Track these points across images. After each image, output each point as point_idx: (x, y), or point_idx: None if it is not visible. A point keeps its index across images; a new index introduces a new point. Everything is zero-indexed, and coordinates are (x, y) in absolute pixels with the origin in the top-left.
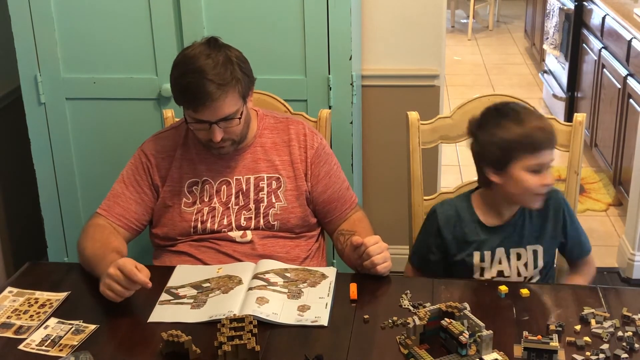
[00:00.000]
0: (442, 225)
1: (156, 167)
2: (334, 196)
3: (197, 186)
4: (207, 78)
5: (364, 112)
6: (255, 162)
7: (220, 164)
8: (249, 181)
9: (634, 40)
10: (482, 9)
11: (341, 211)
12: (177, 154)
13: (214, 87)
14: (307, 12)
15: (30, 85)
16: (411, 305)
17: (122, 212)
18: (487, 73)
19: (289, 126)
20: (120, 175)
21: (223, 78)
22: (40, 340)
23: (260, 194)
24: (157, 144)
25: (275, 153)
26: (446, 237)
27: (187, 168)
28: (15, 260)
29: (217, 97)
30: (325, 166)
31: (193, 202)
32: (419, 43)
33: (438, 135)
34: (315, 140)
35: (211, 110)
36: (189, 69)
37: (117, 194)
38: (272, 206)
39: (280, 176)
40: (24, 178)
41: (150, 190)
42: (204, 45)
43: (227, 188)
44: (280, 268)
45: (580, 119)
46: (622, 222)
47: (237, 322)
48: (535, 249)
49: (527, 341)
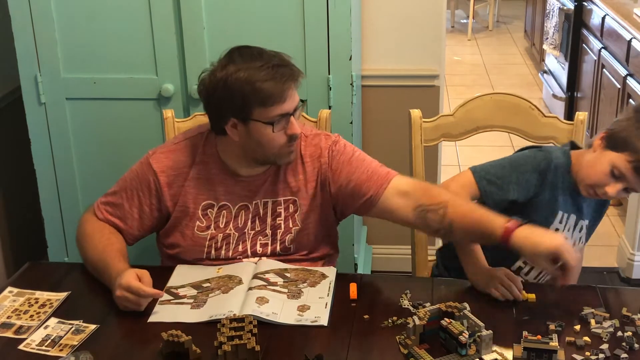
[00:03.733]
0: (552, 168)
1: (167, 186)
2: (364, 177)
3: (212, 209)
4: (277, 65)
5: (364, 112)
6: (274, 185)
7: (241, 187)
8: (266, 205)
9: (634, 41)
10: (482, 9)
11: (378, 185)
12: (193, 172)
13: (288, 70)
14: (307, 12)
15: (30, 85)
16: (411, 305)
17: (119, 223)
18: (487, 73)
19: (300, 141)
20: (123, 181)
21: (286, 62)
22: (41, 340)
23: (277, 219)
24: (169, 159)
25: (291, 173)
26: (549, 181)
27: (203, 188)
28: (15, 260)
29: (294, 78)
30: (343, 156)
31: (207, 227)
32: (419, 43)
33: (440, 133)
34: (328, 142)
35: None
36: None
37: (117, 202)
38: (289, 232)
39: (297, 199)
40: (24, 178)
41: (151, 210)
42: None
43: (245, 213)
44: (280, 268)
45: (582, 118)
46: (621, 222)
47: (237, 322)
48: (584, 224)
49: (527, 341)
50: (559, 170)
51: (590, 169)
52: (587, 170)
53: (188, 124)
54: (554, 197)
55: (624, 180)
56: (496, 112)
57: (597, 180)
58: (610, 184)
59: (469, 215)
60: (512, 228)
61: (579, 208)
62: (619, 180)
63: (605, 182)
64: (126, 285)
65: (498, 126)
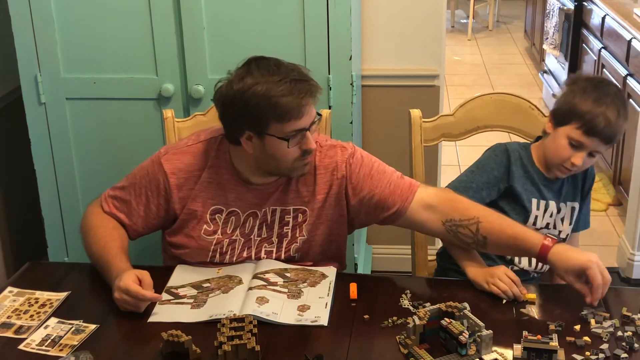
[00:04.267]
0: (513, 160)
1: (176, 188)
2: (387, 191)
3: (220, 214)
4: (295, 79)
5: (364, 112)
6: (285, 194)
7: (252, 194)
8: (275, 213)
9: (634, 41)
10: (482, 9)
11: (404, 199)
12: (204, 176)
13: (306, 85)
14: (307, 12)
15: (30, 85)
16: (411, 305)
17: (124, 218)
18: (487, 73)
19: (319, 154)
20: (132, 177)
21: (305, 76)
22: (41, 340)
23: (285, 228)
24: (181, 161)
25: (303, 183)
26: (515, 172)
27: (214, 193)
28: (15, 260)
29: (312, 94)
30: (362, 169)
31: (214, 231)
32: (419, 43)
33: (440, 133)
34: (345, 154)
35: (310, 109)
36: (273, 83)
37: (124, 197)
38: (295, 241)
39: (307, 209)
40: (24, 178)
41: (158, 209)
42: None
43: (253, 220)
44: (280, 268)
45: None
46: (621, 222)
47: (237, 322)
48: (573, 206)
49: (527, 341)
50: (521, 161)
51: (552, 150)
52: (550, 152)
53: (188, 123)
54: (524, 187)
55: (583, 146)
56: (496, 112)
57: (560, 156)
58: (573, 155)
59: (504, 231)
60: (550, 246)
61: (557, 193)
62: (579, 149)
63: (568, 155)
64: (125, 288)
65: (498, 126)
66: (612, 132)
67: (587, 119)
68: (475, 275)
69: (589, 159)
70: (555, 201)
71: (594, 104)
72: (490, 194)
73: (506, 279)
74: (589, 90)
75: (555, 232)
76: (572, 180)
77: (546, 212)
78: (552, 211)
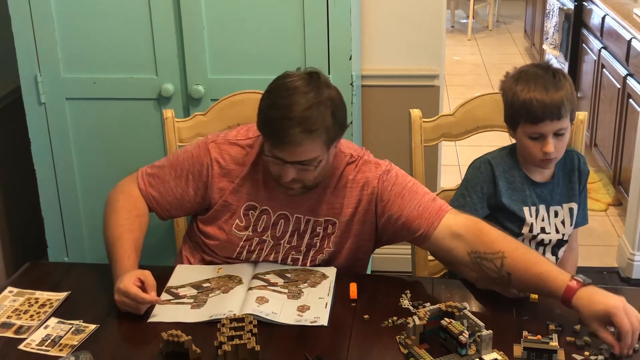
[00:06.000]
0: (498, 174)
1: (218, 177)
2: (414, 213)
3: (253, 211)
4: (293, 119)
5: (364, 112)
6: (319, 204)
7: (283, 196)
8: (308, 223)
9: (634, 40)
10: (482, 9)
11: (429, 223)
12: (245, 171)
13: (298, 131)
14: (307, 12)
15: (30, 85)
16: (411, 305)
17: (158, 197)
18: (487, 73)
19: (358, 166)
20: (175, 158)
21: (311, 123)
22: (41, 340)
23: (315, 238)
24: (228, 152)
25: (338, 194)
26: (501, 187)
27: (250, 189)
28: (15, 260)
29: (299, 141)
30: (395, 187)
31: (245, 227)
32: (419, 43)
33: (440, 133)
34: (378, 171)
35: (289, 152)
36: (279, 102)
37: (163, 177)
38: (322, 252)
39: (337, 221)
40: (24, 178)
41: (196, 194)
42: (304, 79)
43: (285, 224)
44: (280, 269)
45: (582, 118)
46: (621, 222)
47: (237, 322)
48: (571, 207)
49: (527, 341)
50: (505, 174)
51: (523, 152)
52: (524, 155)
53: (188, 123)
54: (511, 198)
55: (543, 134)
56: (496, 112)
57: (532, 153)
58: (543, 146)
59: (530, 269)
60: (576, 288)
61: (548, 196)
62: (542, 138)
63: (537, 149)
64: (124, 291)
65: (498, 126)
66: (555, 107)
67: (526, 112)
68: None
69: (559, 140)
70: (545, 205)
71: (522, 94)
72: (484, 209)
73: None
74: (514, 86)
75: (559, 236)
76: (566, 181)
77: (537, 217)
78: (542, 215)
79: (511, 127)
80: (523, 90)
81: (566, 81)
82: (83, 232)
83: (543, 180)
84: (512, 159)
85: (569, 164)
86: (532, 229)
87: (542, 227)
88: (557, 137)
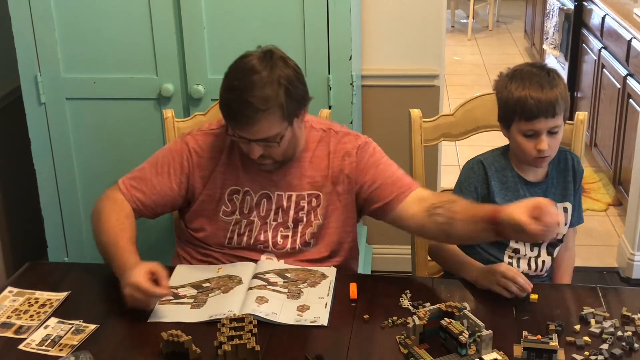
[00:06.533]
0: (491, 174)
1: (198, 167)
2: (388, 181)
3: (237, 195)
4: (248, 99)
5: (364, 112)
6: (299, 179)
7: (263, 176)
8: (290, 198)
9: (634, 40)
10: (482, 9)
11: (400, 191)
12: (223, 158)
13: (253, 111)
14: (307, 12)
15: (30, 85)
16: (411, 305)
17: (142, 198)
18: (487, 73)
19: (330, 137)
20: (154, 157)
21: (264, 102)
22: (40, 340)
23: (300, 213)
24: (205, 141)
25: (317, 167)
26: (494, 187)
27: (230, 174)
28: (15, 260)
29: (255, 120)
30: (371, 158)
31: (232, 212)
32: (419, 43)
33: (440, 132)
34: (357, 141)
35: (248, 132)
36: (234, 84)
37: (144, 177)
38: (310, 225)
39: (321, 193)
40: (24, 178)
41: (179, 187)
42: (259, 58)
43: (267, 202)
44: (280, 268)
45: (582, 118)
46: (621, 222)
47: (237, 322)
48: (565, 207)
49: (527, 341)
50: (498, 174)
51: (517, 150)
52: (517, 153)
53: (188, 123)
54: (505, 199)
55: (537, 132)
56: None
57: (526, 151)
58: (535, 143)
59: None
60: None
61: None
62: (536, 136)
63: (531, 147)
64: (136, 285)
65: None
66: (550, 105)
67: (520, 109)
68: (476, 277)
69: (553, 138)
70: None
71: (517, 92)
72: None
73: (509, 273)
74: (509, 84)
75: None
76: (561, 180)
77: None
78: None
79: (505, 125)
80: (518, 88)
81: (560, 80)
82: (83, 232)
83: (536, 180)
84: (504, 159)
85: (562, 163)
86: None
87: None
88: (551, 135)
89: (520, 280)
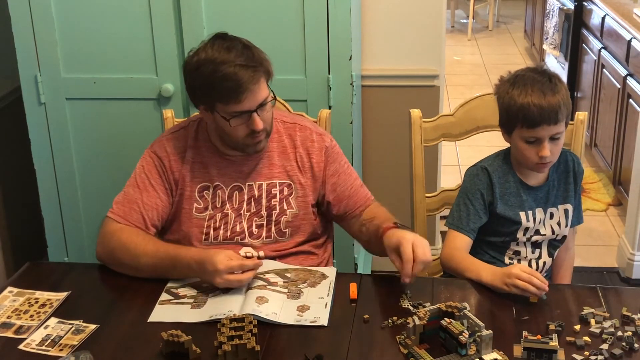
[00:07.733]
0: (495, 180)
1: (171, 170)
2: (346, 194)
3: (208, 191)
4: (240, 65)
5: (364, 112)
6: (268, 168)
7: (232, 169)
8: (261, 187)
9: (634, 40)
10: (482, 9)
11: (354, 208)
12: (188, 156)
13: (250, 72)
14: (307, 12)
15: (30, 85)
16: (411, 305)
17: (139, 218)
18: (487, 73)
19: (296, 131)
20: (132, 179)
21: (253, 61)
22: (41, 340)
23: (272, 200)
24: (169, 145)
25: (285, 158)
26: (497, 193)
27: (198, 171)
28: (15, 260)
29: (255, 80)
30: (333, 165)
31: (204, 208)
32: (419, 43)
33: (440, 133)
34: (324, 142)
35: (252, 95)
36: (217, 65)
37: (132, 199)
38: (284, 213)
39: (292, 182)
40: (24, 178)
41: (166, 194)
42: (215, 41)
43: (240, 194)
44: (280, 268)
45: (582, 118)
46: (621, 222)
47: (237, 322)
48: (566, 208)
49: (527, 341)
50: (501, 180)
51: (519, 156)
52: (519, 158)
53: None
54: (508, 204)
55: (539, 138)
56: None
57: (528, 157)
58: (537, 149)
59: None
60: (389, 227)
61: (543, 199)
62: (538, 142)
63: (533, 153)
64: (227, 268)
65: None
66: (552, 112)
67: (523, 115)
68: (492, 279)
69: (554, 144)
70: (541, 208)
71: (519, 98)
72: (486, 215)
73: (524, 275)
74: (510, 90)
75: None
76: (562, 182)
77: (535, 220)
78: (540, 218)
79: (506, 131)
80: (520, 95)
81: (562, 86)
82: (83, 232)
83: (537, 183)
84: (506, 165)
85: (563, 165)
86: (526, 232)
87: (536, 230)
88: (553, 141)
89: (536, 281)
